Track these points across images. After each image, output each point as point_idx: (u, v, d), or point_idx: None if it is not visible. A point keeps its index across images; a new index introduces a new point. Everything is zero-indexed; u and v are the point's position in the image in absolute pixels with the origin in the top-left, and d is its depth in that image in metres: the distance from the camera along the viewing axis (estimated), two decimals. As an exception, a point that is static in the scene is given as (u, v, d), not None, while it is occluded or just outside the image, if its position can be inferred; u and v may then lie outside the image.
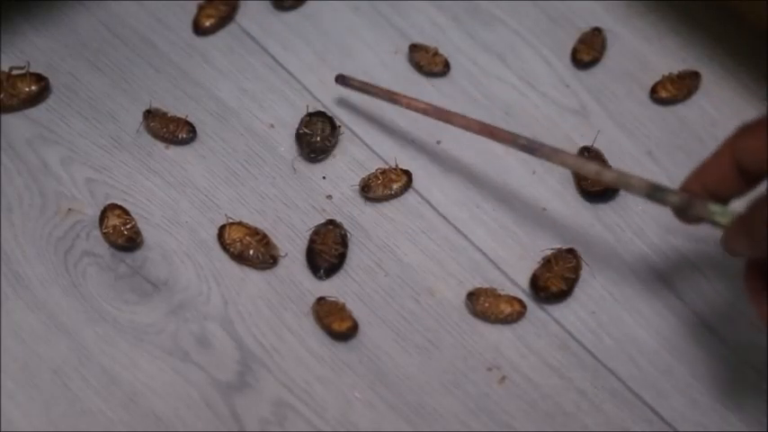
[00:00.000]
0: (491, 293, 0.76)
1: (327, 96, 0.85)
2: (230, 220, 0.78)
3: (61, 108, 0.83)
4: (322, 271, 0.77)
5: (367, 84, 0.82)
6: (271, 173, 0.81)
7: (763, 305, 0.63)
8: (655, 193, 0.64)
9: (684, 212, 0.64)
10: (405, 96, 0.80)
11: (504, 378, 0.74)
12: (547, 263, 0.77)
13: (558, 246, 0.78)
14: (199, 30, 0.87)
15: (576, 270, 0.77)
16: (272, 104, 0.84)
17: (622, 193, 0.81)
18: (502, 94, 0.86)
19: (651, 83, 0.86)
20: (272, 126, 0.83)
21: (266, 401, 0.73)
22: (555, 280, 0.77)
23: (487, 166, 0.82)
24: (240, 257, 0.77)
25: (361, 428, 0.72)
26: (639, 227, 0.80)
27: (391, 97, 0.81)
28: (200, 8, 0.88)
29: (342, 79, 0.83)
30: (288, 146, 0.82)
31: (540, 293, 0.76)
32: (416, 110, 0.79)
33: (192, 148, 0.82)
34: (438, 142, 0.83)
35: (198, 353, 0.74)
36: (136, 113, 0.83)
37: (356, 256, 0.78)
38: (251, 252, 0.77)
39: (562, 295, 0.77)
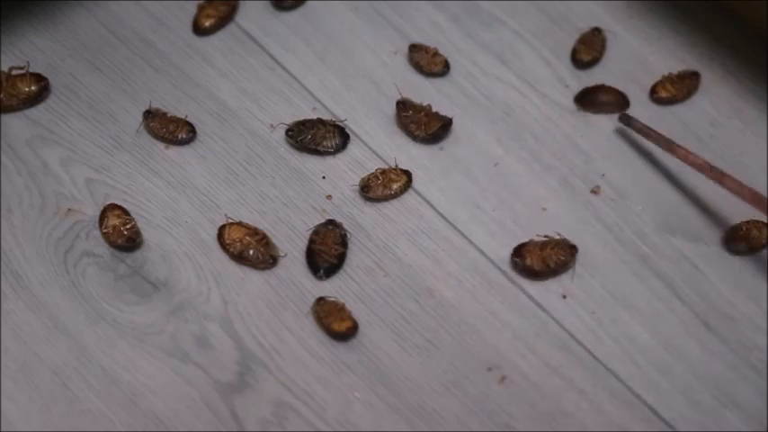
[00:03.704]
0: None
1: (327, 96, 0.85)
2: (230, 221, 0.78)
3: (61, 108, 0.83)
4: (322, 271, 0.77)
5: (649, 128, 0.82)
6: (271, 173, 0.81)
7: None
8: None
9: None
10: (682, 148, 0.80)
11: (504, 378, 0.74)
12: (543, 244, 0.77)
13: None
14: (198, 30, 0.87)
15: (563, 265, 0.77)
16: (272, 105, 0.84)
17: (620, 193, 0.81)
18: (502, 94, 0.86)
19: (651, 83, 0.86)
20: (272, 126, 0.83)
21: (266, 402, 0.73)
22: (535, 257, 0.77)
23: (487, 166, 0.82)
24: (240, 257, 0.77)
25: (361, 429, 0.72)
26: (639, 227, 0.80)
27: (669, 147, 0.80)
28: (200, 8, 0.88)
29: (625, 119, 0.83)
30: (288, 146, 0.82)
31: (516, 259, 0.77)
32: (692, 164, 0.79)
33: (191, 148, 0.82)
34: (441, 148, 0.83)
35: (198, 353, 0.74)
36: (136, 113, 0.83)
37: (356, 256, 0.78)
38: (251, 252, 0.77)
39: (531, 273, 0.77)
